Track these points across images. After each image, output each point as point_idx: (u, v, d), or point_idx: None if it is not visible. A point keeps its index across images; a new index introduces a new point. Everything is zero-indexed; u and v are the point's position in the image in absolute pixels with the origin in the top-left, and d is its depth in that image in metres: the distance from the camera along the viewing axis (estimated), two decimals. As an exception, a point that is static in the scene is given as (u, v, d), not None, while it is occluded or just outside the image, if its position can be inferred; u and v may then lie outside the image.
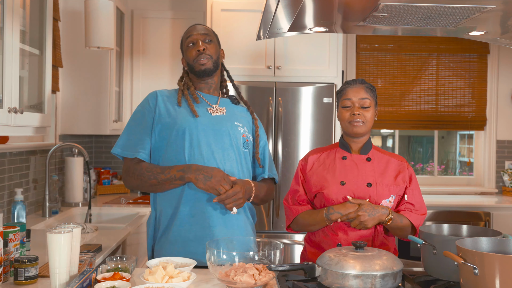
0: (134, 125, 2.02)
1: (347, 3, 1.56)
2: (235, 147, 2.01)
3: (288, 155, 3.51)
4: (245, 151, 2.05)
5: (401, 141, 4.83)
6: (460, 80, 4.52)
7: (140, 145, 1.98)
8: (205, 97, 2.08)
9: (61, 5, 3.31)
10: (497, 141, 4.53)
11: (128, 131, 2.02)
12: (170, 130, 1.96)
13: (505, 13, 1.56)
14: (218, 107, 2.06)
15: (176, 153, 1.95)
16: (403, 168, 1.98)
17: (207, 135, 1.97)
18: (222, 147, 1.98)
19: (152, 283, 1.53)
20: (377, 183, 1.90)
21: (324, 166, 1.98)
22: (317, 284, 1.59)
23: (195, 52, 2.03)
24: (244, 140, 2.05)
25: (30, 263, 1.62)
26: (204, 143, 1.95)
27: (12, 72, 2.06)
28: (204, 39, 2.04)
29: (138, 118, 2.02)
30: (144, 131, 1.99)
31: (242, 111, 2.15)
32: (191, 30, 2.07)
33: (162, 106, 2.01)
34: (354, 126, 1.92)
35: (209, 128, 1.98)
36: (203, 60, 2.01)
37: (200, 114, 2.00)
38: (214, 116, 2.02)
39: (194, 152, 1.94)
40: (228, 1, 3.61)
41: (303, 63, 3.60)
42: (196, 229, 1.93)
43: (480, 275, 1.39)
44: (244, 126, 2.07)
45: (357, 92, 1.94)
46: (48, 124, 2.46)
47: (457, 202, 3.99)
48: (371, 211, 1.83)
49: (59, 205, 3.09)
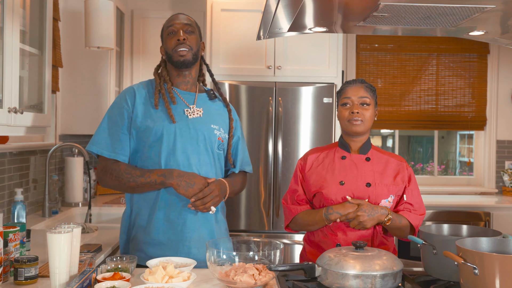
0: (112, 123, 1.97)
1: (347, 3, 1.56)
2: (210, 151, 2.01)
3: (288, 155, 3.51)
4: (219, 152, 2.05)
5: (401, 141, 4.83)
6: (460, 80, 4.52)
7: (119, 146, 1.96)
8: (183, 96, 2.05)
9: (61, 5, 3.31)
10: (497, 141, 4.53)
11: (105, 128, 1.98)
12: (148, 134, 1.95)
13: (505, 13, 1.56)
14: (195, 108, 2.03)
15: (152, 157, 1.96)
16: (402, 168, 1.98)
17: (184, 140, 1.96)
18: (198, 151, 1.98)
19: (152, 283, 1.53)
20: (376, 183, 1.91)
21: (323, 165, 1.98)
22: (317, 284, 1.59)
23: (174, 41, 1.99)
24: (219, 143, 2.04)
25: (30, 263, 1.62)
26: (180, 148, 1.95)
27: (12, 72, 2.06)
28: (185, 29, 2.01)
29: (116, 116, 1.98)
30: (122, 131, 1.96)
31: (219, 107, 2.12)
32: (173, 19, 2.04)
33: (139, 107, 1.97)
34: (353, 125, 1.93)
35: (186, 133, 1.97)
36: (182, 51, 1.98)
37: (177, 118, 1.97)
38: (191, 119, 2.00)
39: (170, 158, 1.95)
40: (228, 1, 3.61)
41: (303, 63, 3.60)
42: (170, 234, 1.95)
43: (480, 275, 1.39)
44: (220, 128, 2.05)
45: (356, 91, 1.94)
46: (48, 124, 2.46)
47: (457, 202, 3.99)
48: (370, 211, 1.83)
49: (59, 205, 3.09)
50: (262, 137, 3.51)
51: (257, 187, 3.51)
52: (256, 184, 3.51)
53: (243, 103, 3.52)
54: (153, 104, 1.98)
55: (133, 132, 1.97)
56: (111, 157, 1.95)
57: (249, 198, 3.51)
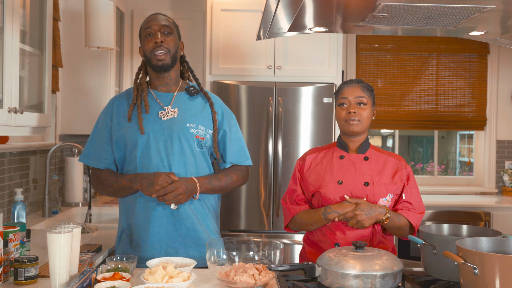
0: (95, 134, 2.08)
1: (347, 3, 1.56)
2: (188, 150, 2.00)
3: (288, 155, 3.51)
4: (201, 150, 2.04)
5: (401, 141, 4.83)
6: (460, 80, 4.51)
7: (103, 155, 2.05)
8: (160, 98, 2.05)
9: (61, 5, 3.31)
10: (497, 141, 4.53)
11: (91, 140, 2.09)
12: (124, 143, 2.01)
13: (505, 13, 1.56)
14: (170, 110, 2.02)
15: (131, 163, 2.02)
16: (401, 167, 1.98)
17: (157, 143, 1.98)
18: (173, 152, 1.98)
19: (152, 283, 1.53)
20: (374, 182, 1.91)
21: (322, 165, 1.98)
22: (317, 284, 1.59)
23: (152, 44, 1.99)
24: (199, 140, 2.03)
25: (30, 263, 1.62)
26: (154, 152, 1.98)
27: (12, 72, 2.06)
28: (163, 31, 2.00)
29: (99, 127, 2.08)
30: (104, 141, 2.05)
31: (199, 104, 2.09)
32: (150, 20, 2.03)
33: (115, 118, 2.04)
34: (350, 125, 1.93)
35: (159, 135, 1.98)
36: (160, 55, 1.99)
37: (150, 121, 2.00)
38: (164, 121, 2.00)
39: (145, 162, 1.98)
40: (228, 1, 3.61)
41: (303, 63, 3.60)
42: (146, 236, 1.99)
43: (480, 275, 1.39)
44: (198, 125, 2.03)
45: (353, 91, 1.94)
46: (48, 124, 2.46)
47: (457, 202, 3.99)
48: (368, 210, 1.84)
49: (59, 205, 3.09)
50: (262, 137, 3.51)
51: (257, 187, 3.51)
52: (256, 184, 3.51)
53: (243, 103, 3.52)
54: (127, 116, 2.03)
55: (114, 141, 2.04)
56: (97, 166, 2.07)
57: (249, 198, 3.51)
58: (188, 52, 4.11)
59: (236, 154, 2.12)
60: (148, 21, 2.03)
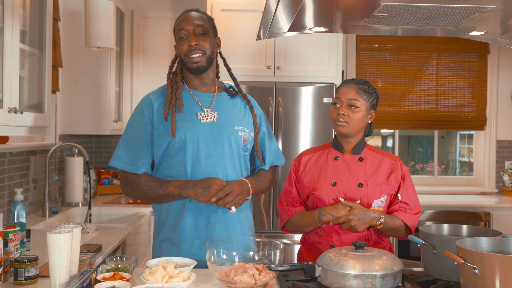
0: (133, 137, 1.95)
1: (347, 3, 1.56)
2: (236, 154, 1.95)
3: (288, 155, 3.51)
4: (245, 154, 2.00)
5: (401, 141, 4.83)
6: (460, 80, 4.52)
7: (140, 160, 1.93)
8: (199, 98, 1.97)
9: (61, 5, 3.31)
10: (497, 141, 4.53)
11: (126, 143, 1.96)
12: (168, 145, 1.91)
13: (505, 13, 1.56)
14: (209, 113, 1.95)
15: (173, 168, 1.92)
16: (396, 167, 1.96)
17: (208, 146, 1.91)
18: (224, 156, 1.92)
19: (152, 283, 1.53)
20: (369, 184, 1.90)
21: (317, 166, 1.97)
22: (317, 284, 1.59)
23: (186, 47, 1.90)
24: (245, 144, 1.99)
25: (30, 263, 1.62)
26: (204, 155, 1.90)
27: (12, 72, 2.06)
28: (197, 32, 1.91)
29: (136, 129, 1.95)
30: (143, 145, 1.93)
31: (240, 105, 2.04)
32: (184, 20, 1.93)
33: (156, 119, 1.93)
34: (338, 126, 1.91)
35: (209, 138, 1.91)
36: (195, 58, 1.90)
37: (189, 123, 1.91)
38: (205, 124, 1.92)
39: (195, 166, 1.90)
40: (228, 1, 3.61)
41: (303, 63, 3.60)
42: (198, 242, 1.92)
43: (480, 275, 1.39)
44: (244, 128, 1.98)
45: (347, 92, 1.90)
46: (48, 124, 2.46)
47: (457, 202, 3.99)
48: (362, 215, 1.83)
49: (59, 205, 3.09)
50: (262, 137, 3.51)
51: (257, 187, 3.51)
52: (256, 184, 3.51)
53: (243, 103, 3.51)
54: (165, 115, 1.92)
55: (154, 143, 1.93)
56: (132, 171, 1.94)
57: (249, 198, 3.50)
58: (188, 52, 4.12)
59: (274, 155, 2.10)
60: (181, 21, 1.93)
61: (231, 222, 1.94)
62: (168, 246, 1.95)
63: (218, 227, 1.92)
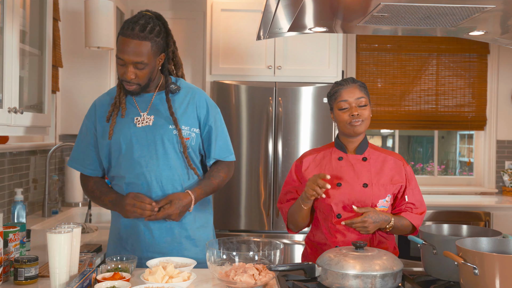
0: (80, 139, 2.06)
1: (347, 3, 1.56)
2: (172, 153, 1.94)
3: (288, 155, 3.51)
4: (189, 151, 1.97)
5: (401, 141, 4.83)
6: (460, 80, 4.51)
7: (87, 161, 2.04)
8: (137, 99, 1.98)
9: (61, 5, 3.31)
10: (497, 141, 4.53)
11: (76, 145, 2.07)
12: (109, 147, 1.97)
13: (505, 13, 1.56)
14: (146, 116, 1.96)
15: (116, 168, 1.98)
16: (400, 166, 1.97)
17: (141, 148, 1.93)
18: (157, 157, 1.93)
19: (152, 283, 1.53)
20: (373, 184, 1.90)
21: (321, 167, 1.97)
22: (317, 284, 1.59)
23: (123, 74, 1.88)
24: (186, 142, 1.96)
25: (30, 263, 1.62)
26: (137, 156, 1.93)
27: (12, 72, 2.06)
28: (135, 66, 1.86)
29: (83, 132, 2.05)
30: (89, 148, 2.03)
31: (182, 102, 2.00)
32: (124, 50, 1.84)
33: (99, 124, 2.00)
34: (355, 126, 1.90)
35: (142, 139, 1.93)
36: (129, 87, 1.90)
37: (126, 126, 1.94)
38: (143, 127, 1.94)
39: (129, 168, 1.94)
40: (228, 1, 3.61)
41: (303, 63, 3.60)
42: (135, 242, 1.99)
43: (480, 275, 1.39)
44: (183, 126, 1.96)
45: (352, 93, 1.92)
46: (48, 124, 2.46)
47: (457, 202, 3.99)
48: (376, 217, 1.84)
49: (59, 205, 3.09)
50: (262, 137, 3.51)
51: (257, 187, 3.51)
52: (256, 184, 3.51)
53: (243, 103, 3.52)
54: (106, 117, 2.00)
55: (98, 146, 2.01)
56: (83, 172, 2.06)
57: (249, 198, 3.50)
58: (188, 52, 4.12)
59: (219, 151, 2.05)
60: (121, 50, 1.84)
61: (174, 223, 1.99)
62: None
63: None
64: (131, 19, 1.90)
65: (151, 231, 1.96)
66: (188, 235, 1.99)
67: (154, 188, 1.93)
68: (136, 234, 1.97)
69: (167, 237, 1.96)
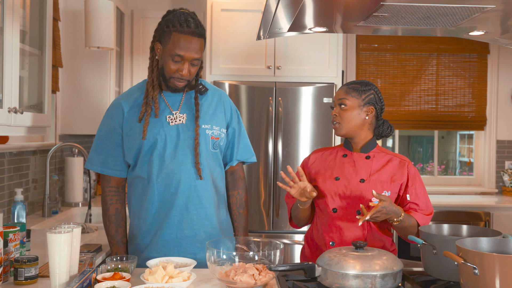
0: (101, 139, 2.00)
1: (347, 3, 1.56)
2: (204, 152, 1.95)
3: (288, 155, 3.51)
4: (215, 151, 2.00)
5: (401, 141, 4.83)
6: (460, 80, 4.52)
7: (111, 161, 1.99)
8: (168, 99, 1.98)
9: (61, 5, 3.31)
10: (497, 141, 4.53)
11: (96, 145, 2.01)
12: (139, 147, 1.93)
13: (505, 13, 1.56)
14: (178, 115, 1.96)
15: (145, 167, 1.95)
16: (403, 166, 1.97)
17: (175, 146, 1.92)
18: (189, 155, 1.93)
19: (152, 283, 1.53)
20: (371, 180, 1.91)
21: (325, 162, 2.02)
22: (317, 284, 1.59)
23: (176, 71, 1.89)
24: (214, 142, 1.99)
25: (30, 263, 1.62)
26: (169, 155, 1.92)
27: (12, 72, 2.06)
28: (192, 63, 1.89)
29: (106, 132, 1.99)
30: (113, 147, 1.98)
31: (210, 103, 2.03)
32: (185, 48, 1.85)
33: (127, 122, 1.96)
34: (335, 128, 1.97)
35: (176, 138, 1.93)
36: (180, 84, 1.92)
37: (159, 125, 1.93)
38: (176, 125, 1.94)
39: (161, 166, 1.92)
40: (228, 1, 3.61)
41: (303, 63, 3.60)
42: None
43: (480, 275, 1.39)
44: (213, 126, 1.99)
45: (338, 94, 1.97)
46: (48, 124, 2.46)
47: (457, 202, 3.99)
48: (391, 207, 1.79)
49: (59, 205, 3.09)
50: (262, 137, 3.51)
51: (257, 187, 3.51)
52: (256, 184, 3.51)
53: (243, 103, 3.52)
54: (138, 117, 1.95)
55: (125, 145, 1.97)
56: (104, 172, 2.00)
57: (249, 198, 3.50)
58: (188, 52, 4.11)
59: (242, 152, 2.10)
60: (182, 47, 1.85)
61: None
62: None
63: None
64: (179, 16, 1.87)
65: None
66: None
67: (183, 185, 1.94)
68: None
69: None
